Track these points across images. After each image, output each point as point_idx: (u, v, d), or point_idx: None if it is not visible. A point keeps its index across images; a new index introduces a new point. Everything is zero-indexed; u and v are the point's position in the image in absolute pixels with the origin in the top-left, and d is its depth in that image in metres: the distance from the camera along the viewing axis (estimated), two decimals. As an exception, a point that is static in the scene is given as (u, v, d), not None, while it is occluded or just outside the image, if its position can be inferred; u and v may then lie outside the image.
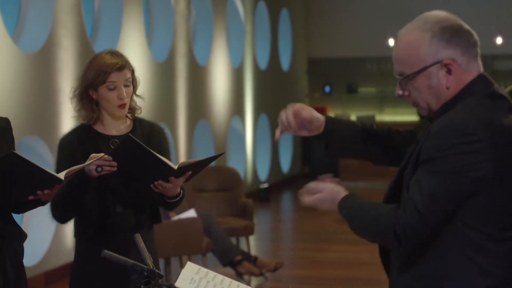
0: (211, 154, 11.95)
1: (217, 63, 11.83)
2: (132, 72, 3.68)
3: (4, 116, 3.58)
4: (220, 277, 2.72)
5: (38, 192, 3.27)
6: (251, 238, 8.67)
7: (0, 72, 6.89)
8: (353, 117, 16.06)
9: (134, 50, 9.11)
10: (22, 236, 3.56)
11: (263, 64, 14.07)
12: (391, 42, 15.88)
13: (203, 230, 7.39)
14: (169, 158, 3.68)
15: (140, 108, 3.76)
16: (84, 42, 8.17)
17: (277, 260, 7.84)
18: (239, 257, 7.53)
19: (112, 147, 3.62)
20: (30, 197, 3.29)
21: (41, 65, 7.48)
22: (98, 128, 3.69)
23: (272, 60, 14.38)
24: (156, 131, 3.77)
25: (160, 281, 2.51)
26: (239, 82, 12.78)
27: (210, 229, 7.52)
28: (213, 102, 11.70)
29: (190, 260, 8.11)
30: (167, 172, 3.47)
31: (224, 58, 12.06)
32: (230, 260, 7.47)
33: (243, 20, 12.86)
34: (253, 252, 8.20)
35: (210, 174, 8.49)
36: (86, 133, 3.67)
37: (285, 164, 15.34)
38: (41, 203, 3.41)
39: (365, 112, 16.05)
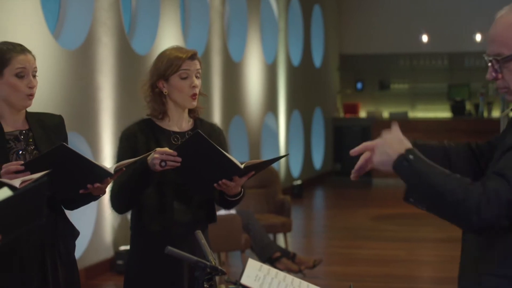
0: (246, 150, 11.98)
1: (251, 59, 11.83)
2: (201, 66, 3.70)
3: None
4: (281, 274, 2.73)
5: (89, 185, 3.28)
6: (288, 235, 8.67)
7: (42, 68, 6.92)
8: (385, 114, 16.00)
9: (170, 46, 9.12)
10: (75, 233, 3.58)
11: (296, 60, 14.07)
12: (425, 38, 15.80)
13: (242, 226, 7.40)
14: None
15: (203, 107, 3.77)
16: (122, 39, 8.21)
17: (316, 257, 7.83)
18: (278, 254, 7.54)
19: (173, 142, 3.63)
20: (81, 191, 3.30)
21: (81, 62, 7.52)
22: (161, 123, 3.70)
23: (304, 56, 14.37)
24: (216, 132, 3.78)
25: (225, 277, 2.52)
26: (272, 78, 12.78)
27: (249, 226, 7.53)
28: (247, 99, 11.71)
29: (228, 256, 8.13)
30: (232, 171, 3.46)
31: (258, 54, 12.07)
32: (269, 256, 7.48)
33: (277, 17, 12.86)
34: (290, 248, 8.20)
35: (248, 170, 8.49)
36: (148, 127, 3.68)
37: (317, 161, 15.32)
38: (93, 197, 3.42)
39: (397, 109, 15.99)
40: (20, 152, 3.38)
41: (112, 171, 3.25)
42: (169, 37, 9.11)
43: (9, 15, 6.49)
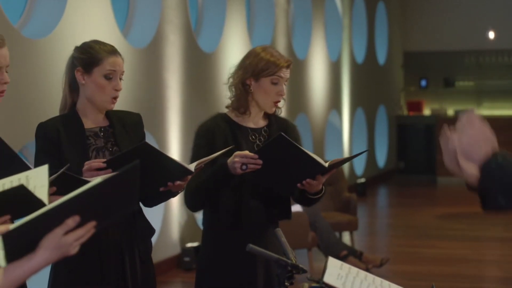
0: (309, 148, 11.97)
1: (316, 57, 11.80)
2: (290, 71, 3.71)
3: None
4: (362, 273, 2.71)
5: (169, 183, 3.28)
6: (353, 233, 8.61)
7: (111, 67, 7.01)
8: (449, 112, 15.82)
9: (237, 44, 9.16)
10: (151, 231, 3.59)
11: (360, 58, 13.99)
12: (491, 35, 15.57)
13: (309, 224, 7.39)
14: None
15: (281, 107, 3.76)
16: (189, 37, 8.26)
17: (383, 256, 7.78)
18: (345, 252, 7.50)
19: (251, 139, 3.64)
20: (161, 189, 3.31)
21: (149, 60, 7.59)
22: (237, 119, 3.69)
23: (368, 54, 14.29)
24: (290, 128, 3.75)
25: (308, 276, 2.52)
26: (336, 76, 12.73)
27: (315, 224, 7.51)
28: (311, 96, 11.68)
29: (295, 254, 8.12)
30: (316, 170, 3.45)
31: (322, 52, 12.03)
32: (336, 255, 7.44)
33: (341, 14, 12.81)
34: (355, 247, 8.16)
35: (313, 168, 8.47)
36: (224, 122, 3.67)
37: (381, 159, 15.22)
38: (172, 194, 3.42)
39: (462, 106, 15.78)
40: (100, 149, 3.41)
41: (192, 169, 3.25)
42: (235, 35, 9.14)
43: (80, 14, 6.58)
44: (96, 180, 1.89)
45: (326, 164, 3.44)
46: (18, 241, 1.84)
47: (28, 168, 2.63)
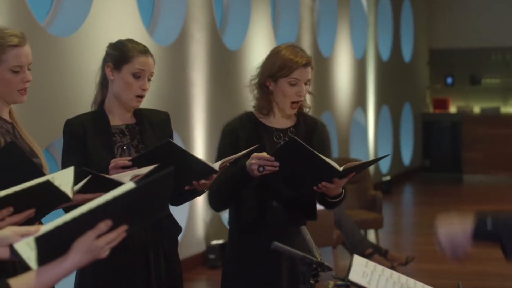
0: (335, 146, 11.92)
1: (341, 54, 11.78)
2: (312, 69, 3.68)
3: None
4: (388, 271, 2.70)
5: (194, 182, 3.29)
6: (379, 231, 8.59)
7: (137, 64, 7.04)
8: (476, 109, 15.72)
9: (262, 41, 9.16)
10: (178, 229, 3.60)
11: (385, 55, 13.94)
12: (518, 32, 15.45)
13: (334, 222, 7.37)
14: (330, 155, 3.65)
15: (310, 107, 3.74)
16: (214, 35, 8.27)
17: (408, 254, 7.76)
18: (370, 250, 7.49)
19: (275, 140, 3.63)
20: (186, 187, 3.31)
21: (175, 58, 7.61)
22: (263, 119, 3.68)
23: (394, 51, 14.23)
24: (319, 128, 3.72)
25: (333, 273, 2.52)
26: (361, 73, 12.70)
27: (341, 222, 7.50)
28: (336, 94, 11.66)
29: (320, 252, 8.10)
30: (331, 174, 3.42)
31: (347, 49, 12.01)
32: (361, 252, 7.42)
33: (366, 12, 12.77)
34: (381, 245, 8.13)
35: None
36: (250, 122, 3.66)
37: (406, 156, 15.16)
38: (197, 193, 3.44)
39: (488, 104, 15.68)
40: (125, 146, 3.43)
41: (217, 168, 3.25)
42: (260, 33, 9.14)
43: (106, 12, 6.61)
44: (129, 185, 1.90)
45: (341, 169, 3.40)
46: (50, 244, 1.86)
47: (43, 175, 2.66)
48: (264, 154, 3.41)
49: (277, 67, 3.58)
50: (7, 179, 2.52)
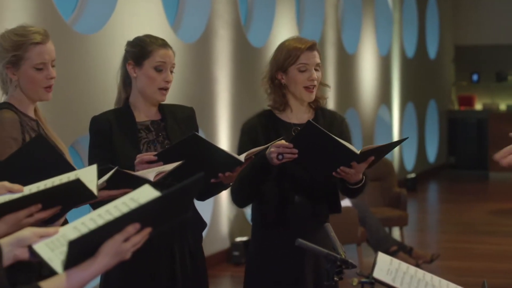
0: (359, 143, 11.95)
1: (365, 51, 11.74)
2: (320, 58, 3.67)
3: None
4: (412, 268, 2.69)
5: (220, 174, 3.29)
6: (403, 229, 8.55)
7: (162, 62, 7.05)
8: (502, 106, 15.61)
9: (286, 38, 9.13)
10: (203, 224, 3.61)
11: (410, 52, 13.88)
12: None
13: (358, 219, 7.36)
14: None
15: (326, 98, 3.73)
16: (239, 32, 8.27)
17: (433, 252, 7.72)
18: (395, 248, 7.46)
19: (293, 135, 3.61)
20: (212, 180, 3.31)
21: (199, 55, 7.62)
22: (281, 115, 3.68)
23: (419, 48, 14.16)
24: (337, 120, 3.72)
25: (358, 271, 2.51)
26: (386, 70, 12.65)
27: (365, 219, 7.48)
28: (361, 91, 11.63)
29: (345, 249, 8.09)
30: (349, 158, 3.40)
31: (372, 46, 11.96)
32: (386, 250, 7.40)
33: (391, 8, 12.71)
34: (405, 242, 8.09)
35: (362, 163, 8.43)
36: (268, 119, 3.67)
37: (431, 154, 15.09)
38: (223, 187, 3.44)
39: (515, 101, 15.57)
40: (151, 142, 3.44)
41: (242, 159, 3.25)
42: (284, 30, 9.13)
43: (131, 9, 6.63)
44: (155, 194, 1.92)
45: (358, 152, 3.38)
46: (80, 248, 1.88)
47: (73, 169, 2.67)
48: (283, 141, 3.41)
49: (283, 57, 3.59)
50: (35, 171, 2.54)
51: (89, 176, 2.44)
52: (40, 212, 2.29)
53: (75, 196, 2.40)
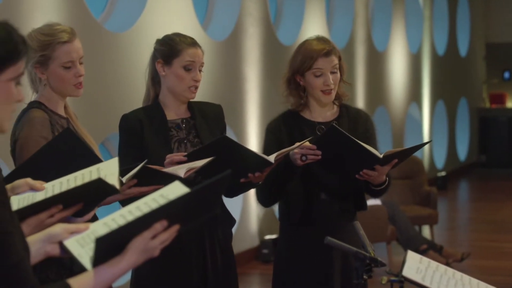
0: (389, 141, 11.87)
1: (395, 49, 11.69)
2: (339, 58, 3.65)
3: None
4: (442, 267, 2.68)
5: (249, 175, 3.30)
6: (433, 227, 8.50)
7: (191, 60, 7.07)
8: (533, 104, 15.47)
9: (316, 37, 9.13)
10: (232, 221, 3.61)
11: (441, 49, 13.80)
12: None
13: (388, 218, 7.33)
14: (375, 145, 3.63)
15: (348, 94, 3.72)
16: (268, 30, 8.27)
17: (464, 250, 7.67)
18: (424, 246, 7.42)
19: (318, 133, 3.61)
20: (242, 180, 3.33)
21: (229, 53, 7.62)
22: (305, 114, 3.67)
23: (450, 45, 14.07)
24: (362, 118, 3.71)
25: (387, 269, 2.50)
26: (416, 68, 12.59)
27: (395, 217, 7.45)
28: (391, 89, 11.58)
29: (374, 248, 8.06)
30: (372, 161, 3.41)
31: (402, 44, 11.91)
32: (416, 248, 7.36)
33: (422, 6, 12.64)
34: (435, 241, 8.05)
35: (392, 161, 8.40)
36: (292, 119, 3.67)
37: (462, 152, 14.99)
38: (253, 185, 3.44)
39: (546, 99, 15.44)
40: (182, 140, 3.45)
41: (272, 160, 3.26)
42: (314, 28, 9.11)
43: (161, 8, 6.65)
44: (185, 190, 1.92)
45: (381, 156, 3.38)
46: (108, 244, 1.89)
47: (100, 161, 2.69)
48: (307, 143, 3.40)
49: (299, 62, 3.58)
50: (63, 164, 2.56)
51: (111, 169, 2.45)
52: (61, 212, 2.30)
53: (97, 194, 2.41)
